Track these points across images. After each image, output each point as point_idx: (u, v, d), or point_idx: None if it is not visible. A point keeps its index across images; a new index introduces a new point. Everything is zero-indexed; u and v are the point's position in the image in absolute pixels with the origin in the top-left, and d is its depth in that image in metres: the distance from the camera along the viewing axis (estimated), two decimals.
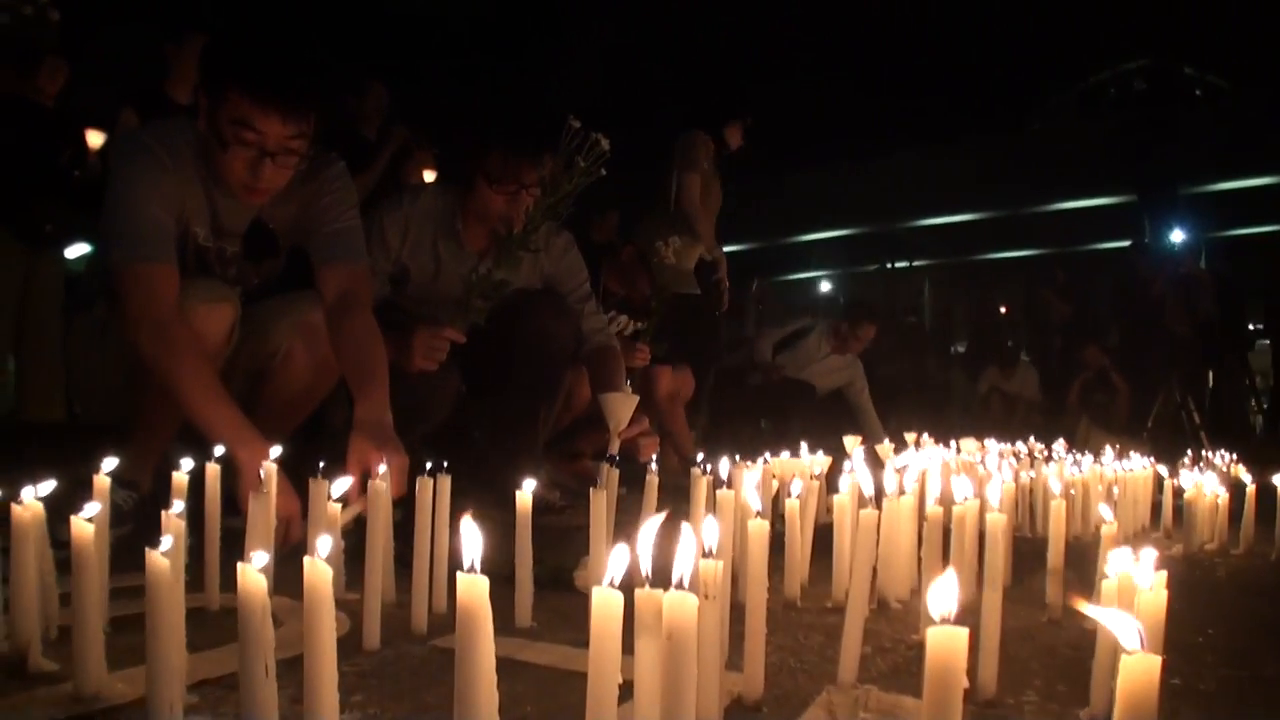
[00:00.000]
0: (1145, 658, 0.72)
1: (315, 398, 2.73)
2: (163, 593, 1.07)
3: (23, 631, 1.34)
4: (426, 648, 1.58)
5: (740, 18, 18.13)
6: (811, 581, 2.14)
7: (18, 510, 1.34)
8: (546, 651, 1.56)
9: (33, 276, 4.87)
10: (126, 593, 1.65)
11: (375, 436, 2.14)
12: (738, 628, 1.37)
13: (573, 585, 2.00)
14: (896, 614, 1.96)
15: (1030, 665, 1.65)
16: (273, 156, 2.31)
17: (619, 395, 2.92)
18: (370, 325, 2.50)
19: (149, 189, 2.32)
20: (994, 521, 1.55)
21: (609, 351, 3.40)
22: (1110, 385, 9.03)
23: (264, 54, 2.33)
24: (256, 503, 1.64)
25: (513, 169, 3.11)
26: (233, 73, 2.28)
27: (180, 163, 2.39)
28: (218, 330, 2.42)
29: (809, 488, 2.29)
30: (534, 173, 3.13)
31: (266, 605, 0.96)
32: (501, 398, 3.22)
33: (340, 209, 2.59)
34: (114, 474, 1.60)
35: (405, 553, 1.76)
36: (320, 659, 0.98)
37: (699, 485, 2.10)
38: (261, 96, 2.25)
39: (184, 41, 4.67)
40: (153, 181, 2.33)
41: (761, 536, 1.37)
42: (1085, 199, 15.06)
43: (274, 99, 2.26)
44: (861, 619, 1.44)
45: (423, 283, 3.21)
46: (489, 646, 0.87)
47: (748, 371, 6.69)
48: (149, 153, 2.35)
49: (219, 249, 2.56)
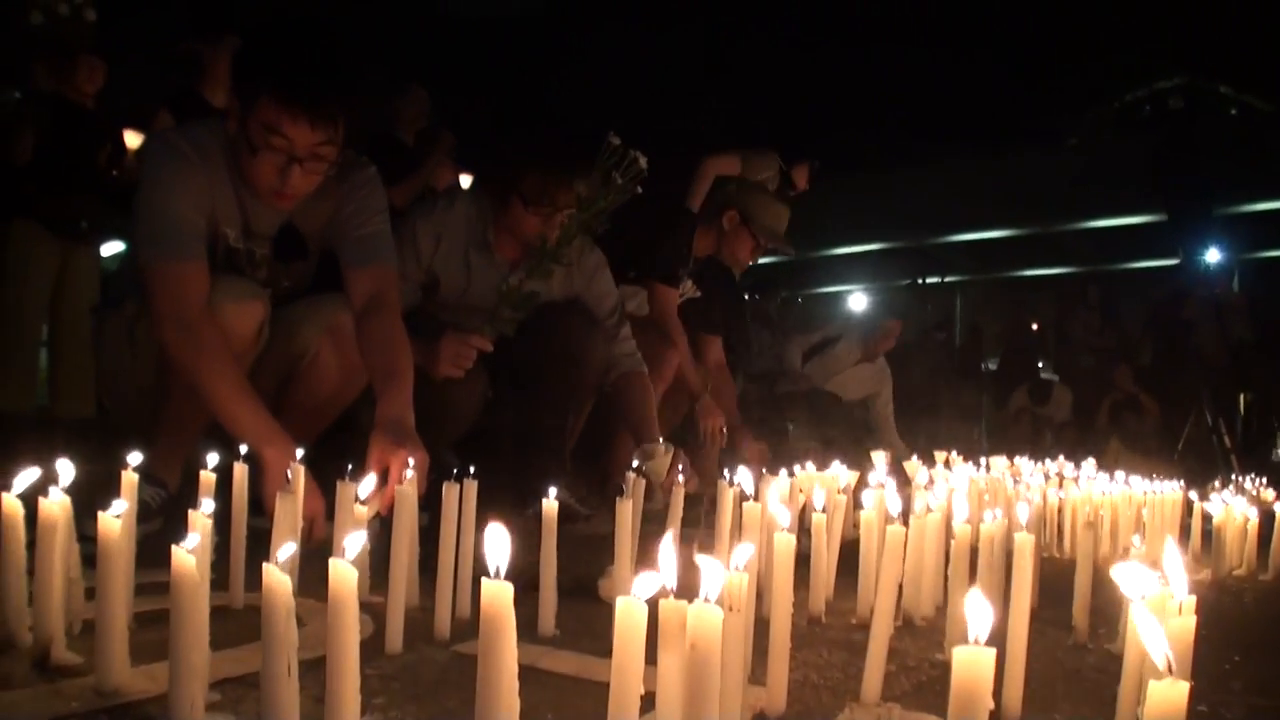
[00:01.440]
0: (1173, 684, 0.71)
1: (343, 400, 2.74)
2: (187, 590, 1.07)
3: (47, 625, 1.35)
4: (449, 653, 1.58)
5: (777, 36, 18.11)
6: (836, 597, 2.13)
7: (44, 505, 1.35)
8: (568, 660, 1.55)
9: (66, 272, 4.92)
10: (151, 588, 1.66)
11: (396, 434, 2.14)
12: (761, 642, 1.36)
13: (596, 594, 1.99)
14: (921, 632, 1.94)
15: (1055, 688, 1.63)
16: (301, 162, 2.32)
17: (659, 455, 2.89)
18: (396, 327, 2.50)
19: (178, 188, 2.33)
20: (1022, 541, 1.54)
21: (638, 379, 3.39)
22: (1140, 406, 8.94)
23: (294, 60, 2.33)
24: (283, 502, 1.65)
25: (550, 193, 3.08)
26: (263, 78, 2.28)
27: (210, 163, 2.40)
28: (247, 329, 2.43)
29: (835, 502, 2.28)
30: (570, 195, 3.12)
31: (291, 605, 0.97)
32: (530, 406, 3.22)
33: (370, 213, 2.60)
34: (142, 471, 1.60)
35: (429, 557, 1.76)
36: (343, 660, 0.98)
37: (725, 497, 2.09)
38: (291, 103, 2.25)
39: (218, 44, 4.72)
40: (182, 181, 2.34)
41: (788, 551, 1.36)
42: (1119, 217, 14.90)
43: (303, 106, 2.26)
44: (886, 636, 1.43)
45: (453, 291, 3.21)
46: (512, 653, 0.86)
47: (776, 378, 6.66)
48: (178, 152, 2.36)
49: (249, 250, 2.57)
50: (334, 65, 2.37)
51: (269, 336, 2.51)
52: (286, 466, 1.93)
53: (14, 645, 1.41)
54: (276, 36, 2.42)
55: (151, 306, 2.29)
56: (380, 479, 1.96)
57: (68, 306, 4.91)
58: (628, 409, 3.35)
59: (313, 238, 2.65)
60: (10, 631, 1.42)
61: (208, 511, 1.37)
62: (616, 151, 2.89)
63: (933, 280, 16.04)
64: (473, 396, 3.18)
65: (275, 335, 2.53)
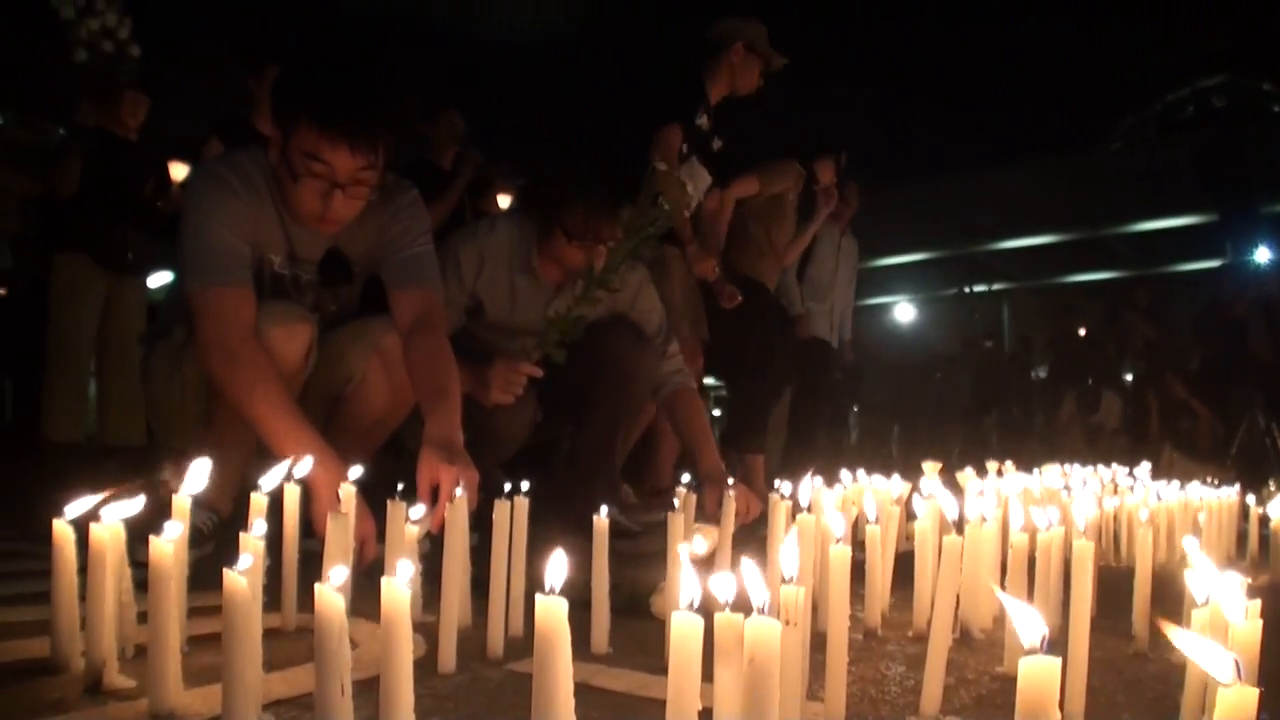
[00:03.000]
0: (1243, 690, 0.69)
1: (392, 422, 2.75)
2: (240, 612, 1.07)
3: (99, 648, 1.35)
4: (502, 671, 1.57)
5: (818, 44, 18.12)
6: (891, 609, 2.10)
7: (96, 530, 1.36)
8: (622, 678, 1.54)
9: (114, 303, 4.99)
10: (204, 611, 1.67)
11: (445, 452, 2.14)
12: (817, 656, 1.34)
13: (649, 610, 1.98)
14: (979, 644, 1.91)
15: (1117, 698, 1.59)
16: (343, 188, 2.32)
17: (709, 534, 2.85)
18: (443, 347, 2.51)
19: (221, 215, 2.34)
20: (1081, 549, 1.51)
21: (689, 394, 3.36)
22: (1192, 411, 8.80)
23: (332, 86, 2.33)
24: (334, 524, 1.65)
25: (593, 228, 3.04)
26: (302, 105, 2.28)
27: (254, 191, 2.41)
28: (295, 352, 2.44)
29: (889, 513, 2.25)
30: (614, 228, 3.09)
31: (344, 626, 0.96)
32: (581, 424, 3.21)
33: (413, 235, 2.61)
34: (194, 496, 1.61)
35: (481, 576, 1.75)
36: (397, 681, 0.98)
37: (777, 510, 2.07)
38: (330, 129, 2.26)
39: (264, 73, 4.78)
40: (225, 208, 2.35)
41: (844, 563, 1.34)
42: (1165, 219, 14.74)
43: (342, 132, 2.26)
44: (945, 649, 1.40)
45: (498, 315, 3.20)
46: (567, 671, 0.85)
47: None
48: (221, 181, 2.37)
49: (294, 276, 2.58)
50: (372, 91, 2.37)
51: (317, 360, 2.52)
52: (337, 488, 1.93)
53: (66, 670, 1.42)
54: (314, 64, 2.42)
55: (197, 333, 2.31)
56: (430, 498, 1.96)
57: (115, 337, 4.98)
58: (682, 427, 3.32)
59: (358, 261, 2.66)
60: (63, 656, 1.42)
61: (259, 534, 1.37)
62: (663, 176, 2.86)
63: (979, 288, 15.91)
64: (522, 420, 3.18)
65: (323, 359, 2.54)
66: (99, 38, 5.30)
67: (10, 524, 2.97)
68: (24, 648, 1.56)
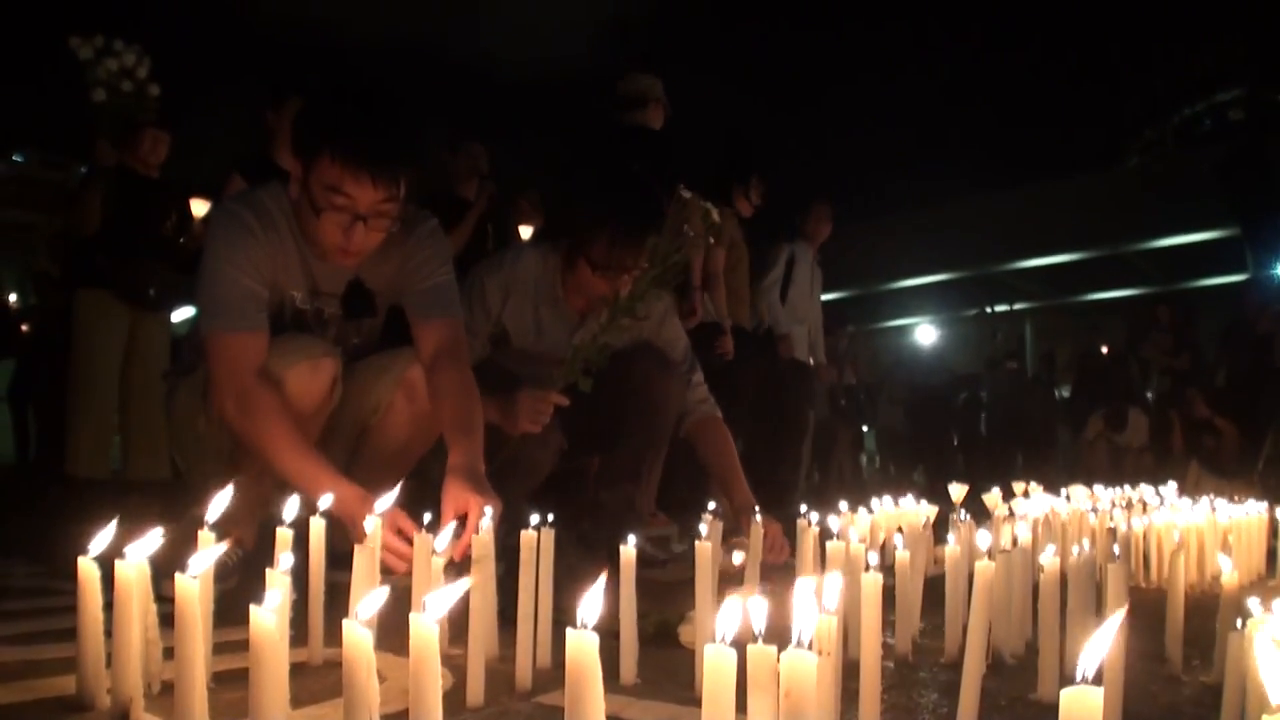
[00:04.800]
0: None
1: (416, 451, 2.75)
2: (267, 650, 1.06)
3: (125, 685, 1.35)
4: (531, 704, 1.55)
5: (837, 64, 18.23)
6: (921, 634, 2.07)
7: (121, 566, 1.36)
8: (652, 709, 1.52)
9: (136, 339, 5.02)
10: (230, 646, 1.66)
11: (469, 482, 2.14)
12: (850, 685, 1.32)
13: (677, 640, 1.96)
14: (1012, 671, 1.87)
15: None
16: (365, 220, 2.32)
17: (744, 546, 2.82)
18: (466, 378, 2.51)
19: (238, 258, 2.34)
20: (1114, 572, 1.48)
21: (716, 424, 3.34)
22: (1216, 429, 8.70)
23: (353, 119, 2.32)
24: (361, 555, 1.65)
25: (617, 258, 3.03)
26: (322, 138, 2.28)
27: (272, 228, 2.41)
28: (320, 387, 2.44)
29: (918, 537, 2.23)
30: (638, 257, 3.07)
31: (372, 661, 0.95)
32: (609, 452, 3.20)
33: (434, 265, 2.61)
34: (218, 529, 1.61)
35: (507, 607, 1.74)
36: (426, 717, 0.97)
37: (805, 537, 2.05)
38: (351, 162, 2.25)
39: (283, 107, 4.82)
40: (243, 251, 2.35)
41: (875, 590, 1.32)
42: (1186, 234, 14.65)
43: (364, 164, 2.26)
44: (979, 676, 1.38)
45: (523, 343, 3.20)
46: (599, 705, 0.84)
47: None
48: (240, 222, 2.37)
49: (316, 310, 2.59)
50: (393, 123, 2.38)
51: (342, 393, 2.53)
52: (361, 519, 1.93)
53: (93, 707, 1.41)
54: (334, 97, 2.43)
55: (210, 376, 2.33)
56: (457, 526, 1.95)
57: (139, 372, 5.01)
58: (711, 458, 3.29)
59: (380, 294, 2.66)
60: (89, 693, 1.42)
61: (285, 568, 1.36)
62: (688, 204, 2.83)
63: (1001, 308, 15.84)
64: (549, 450, 3.16)
65: (348, 391, 2.55)
66: (118, 78, 5.35)
67: (35, 560, 2.98)
68: (50, 685, 1.55)
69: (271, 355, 2.34)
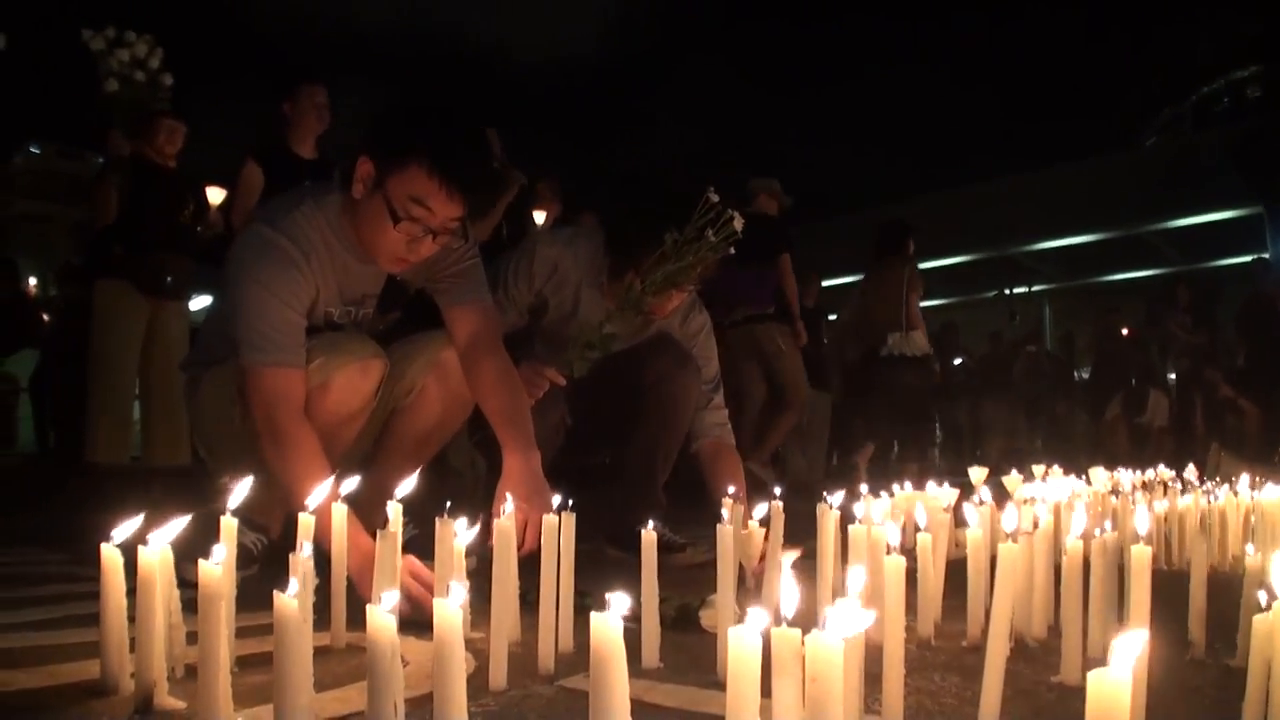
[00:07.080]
0: None
1: (443, 434, 2.77)
2: (291, 636, 1.06)
3: (149, 670, 1.36)
4: (554, 688, 1.56)
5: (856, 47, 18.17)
6: (943, 617, 2.06)
7: (144, 552, 1.36)
8: (676, 693, 1.52)
9: (155, 328, 5.03)
10: (253, 631, 1.67)
11: (525, 485, 2.17)
12: (872, 668, 1.32)
13: (699, 624, 1.96)
14: (1034, 653, 1.87)
15: (1176, 708, 1.55)
16: (435, 235, 2.31)
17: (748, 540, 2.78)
18: (505, 365, 2.54)
19: (284, 291, 2.29)
20: (1138, 555, 1.47)
21: (729, 451, 3.30)
22: (1238, 408, 8.64)
23: (451, 135, 2.26)
24: (383, 540, 1.65)
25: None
26: (425, 151, 2.22)
27: (314, 255, 2.37)
28: (369, 388, 2.47)
29: (939, 521, 2.21)
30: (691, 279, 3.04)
31: (396, 645, 0.96)
32: (627, 441, 3.20)
33: (460, 251, 2.59)
34: (242, 516, 1.61)
35: (529, 591, 1.74)
36: (450, 700, 0.97)
37: (826, 520, 2.04)
38: (447, 178, 2.22)
39: (298, 95, 4.82)
40: (287, 284, 2.30)
41: (899, 574, 1.31)
42: (1205, 214, 14.51)
43: (458, 182, 2.23)
44: (1003, 659, 1.37)
45: (556, 320, 3.21)
46: (624, 689, 0.84)
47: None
48: (282, 253, 2.31)
49: (346, 312, 2.58)
50: (482, 143, 2.36)
51: None
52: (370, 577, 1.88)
53: (117, 691, 1.42)
54: (429, 110, 2.37)
55: (250, 407, 2.28)
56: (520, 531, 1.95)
57: (158, 360, 5.02)
58: (717, 485, 3.15)
59: (409, 283, 2.67)
60: (113, 678, 1.43)
61: (307, 555, 1.37)
62: (714, 208, 2.80)
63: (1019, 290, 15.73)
64: (546, 423, 3.15)
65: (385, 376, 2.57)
66: (131, 68, 5.34)
67: (58, 547, 3.00)
68: (75, 670, 1.56)
69: (320, 355, 2.34)
